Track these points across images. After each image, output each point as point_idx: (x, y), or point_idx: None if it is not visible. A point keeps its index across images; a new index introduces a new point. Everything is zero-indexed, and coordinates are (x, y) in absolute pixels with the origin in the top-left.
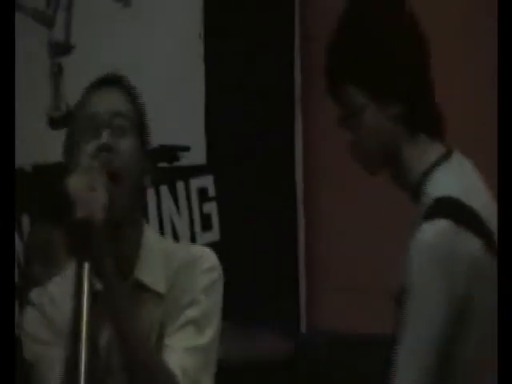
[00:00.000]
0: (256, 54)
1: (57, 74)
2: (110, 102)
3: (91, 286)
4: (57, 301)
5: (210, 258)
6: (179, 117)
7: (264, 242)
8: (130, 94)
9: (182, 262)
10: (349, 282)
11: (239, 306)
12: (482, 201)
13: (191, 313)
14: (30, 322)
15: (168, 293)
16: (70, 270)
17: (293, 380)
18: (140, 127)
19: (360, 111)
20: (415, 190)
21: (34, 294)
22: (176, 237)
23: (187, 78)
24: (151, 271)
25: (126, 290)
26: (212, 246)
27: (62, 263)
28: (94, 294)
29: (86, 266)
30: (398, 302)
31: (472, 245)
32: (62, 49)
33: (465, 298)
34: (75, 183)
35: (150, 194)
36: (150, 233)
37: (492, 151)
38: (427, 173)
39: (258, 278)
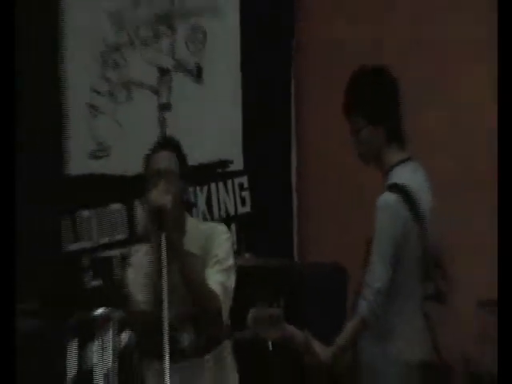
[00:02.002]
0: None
1: (162, 122)
2: (161, 159)
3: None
4: (142, 261)
5: (222, 227)
6: (228, 143)
7: (273, 212)
8: (178, 152)
9: (208, 233)
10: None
11: (260, 243)
12: (421, 193)
13: (216, 258)
14: (130, 272)
15: (201, 252)
16: (145, 247)
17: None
18: (182, 173)
19: (359, 130)
20: (386, 176)
21: (132, 259)
22: (227, 211)
23: (232, 122)
24: (190, 244)
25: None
26: (246, 214)
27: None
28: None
29: (163, 235)
30: (369, 242)
31: (405, 211)
32: (165, 107)
33: (402, 236)
34: (157, 190)
35: (213, 187)
36: (190, 220)
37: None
38: (391, 168)
39: (270, 229)
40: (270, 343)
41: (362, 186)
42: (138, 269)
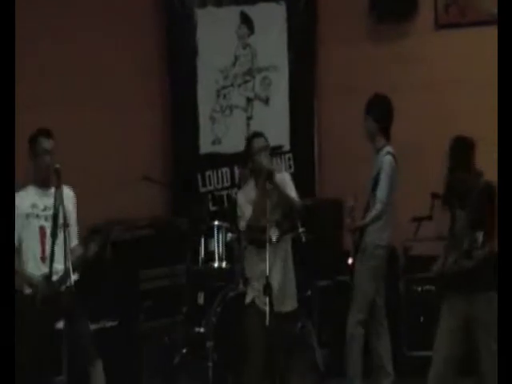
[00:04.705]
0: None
1: (248, 126)
2: (261, 142)
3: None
4: (245, 194)
5: (288, 175)
6: (282, 136)
7: (303, 172)
8: (265, 138)
9: (283, 177)
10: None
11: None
12: (397, 156)
13: (290, 188)
14: (239, 199)
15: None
16: (247, 185)
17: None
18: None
19: (365, 121)
20: (378, 151)
21: (238, 194)
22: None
23: (284, 124)
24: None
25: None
26: (291, 173)
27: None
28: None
29: (267, 182)
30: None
31: (394, 163)
32: (249, 118)
33: (395, 171)
34: (266, 158)
35: (275, 159)
36: None
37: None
38: (381, 147)
39: (304, 180)
40: (303, 237)
41: (366, 151)
42: (243, 198)
